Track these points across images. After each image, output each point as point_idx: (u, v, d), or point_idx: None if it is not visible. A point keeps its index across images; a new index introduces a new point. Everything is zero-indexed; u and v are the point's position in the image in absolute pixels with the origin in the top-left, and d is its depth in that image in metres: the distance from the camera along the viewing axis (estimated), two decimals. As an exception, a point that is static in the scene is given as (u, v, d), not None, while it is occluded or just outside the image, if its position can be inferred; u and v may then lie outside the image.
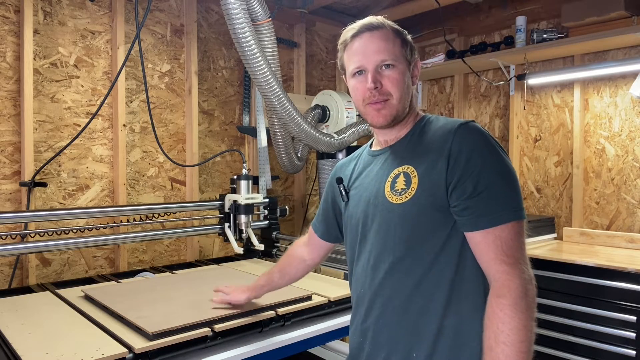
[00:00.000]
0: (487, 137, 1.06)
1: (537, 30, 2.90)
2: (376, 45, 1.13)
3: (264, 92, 2.28)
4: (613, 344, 2.28)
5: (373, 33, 1.15)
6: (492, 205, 0.99)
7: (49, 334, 1.38)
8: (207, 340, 1.37)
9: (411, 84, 1.16)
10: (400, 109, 1.14)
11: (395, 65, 1.12)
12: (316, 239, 1.44)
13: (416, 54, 1.18)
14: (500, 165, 1.02)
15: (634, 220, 2.79)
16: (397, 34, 1.15)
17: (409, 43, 1.16)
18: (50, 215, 1.98)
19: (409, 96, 1.15)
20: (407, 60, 1.15)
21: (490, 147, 1.04)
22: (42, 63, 2.27)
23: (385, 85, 1.11)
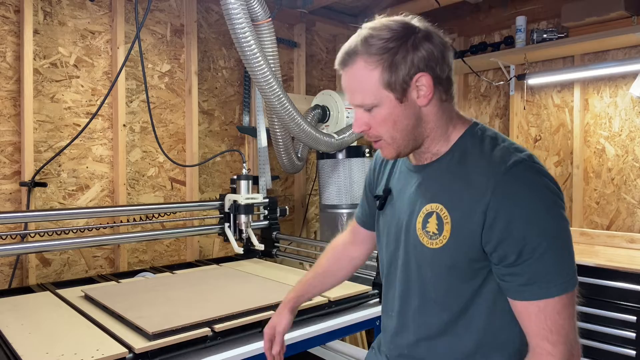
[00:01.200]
0: (537, 188, 0.86)
1: (537, 30, 2.90)
2: (352, 86, 0.95)
3: (264, 92, 2.28)
4: (613, 344, 2.28)
5: (346, 70, 0.95)
6: (539, 276, 0.85)
7: (49, 334, 1.38)
8: (207, 340, 1.37)
9: (417, 107, 0.93)
10: (402, 145, 0.96)
11: (377, 105, 0.92)
12: (363, 232, 1.27)
13: (419, 67, 0.90)
14: (552, 226, 0.86)
15: (634, 220, 2.79)
16: (374, 64, 0.90)
17: (396, 64, 0.89)
18: (50, 215, 1.98)
19: (414, 126, 0.94)
20: (397, 90, 0.91)
21: (540, 202, 0.86)
22: (42, 63, 2.27)
23: (373, 128, 0.96)
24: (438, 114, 0.95)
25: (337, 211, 2.80)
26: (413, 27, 0.92)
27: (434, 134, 0.96)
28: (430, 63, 0.90)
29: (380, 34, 0.91)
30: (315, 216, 3.44)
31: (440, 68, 0.91)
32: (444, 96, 0.95)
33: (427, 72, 0.90)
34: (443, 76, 0.92)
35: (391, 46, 0.89)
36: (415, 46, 0.90)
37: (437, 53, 0.91)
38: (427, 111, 0.94)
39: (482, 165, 0.91)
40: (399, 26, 0.92)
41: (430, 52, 0.90)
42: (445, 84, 0.94)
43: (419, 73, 0.90)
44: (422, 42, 0.90)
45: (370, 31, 0.93)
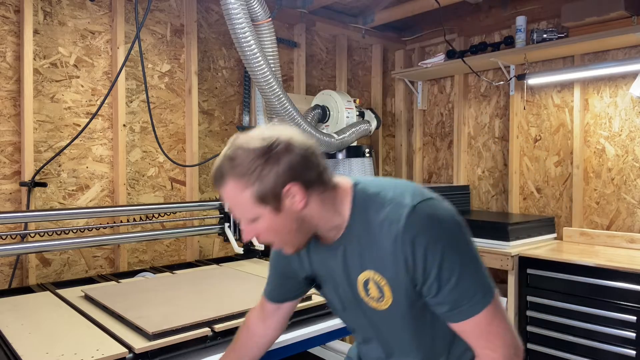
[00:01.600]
0: (435, 226, 0.95)
1: (537, 30, 2.90)
2: (230, 204, 0.99)
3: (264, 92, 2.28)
4: (613, 344, 2.28)
5: (221, 190, 0.98)
6: (462, 299, 0.95)
7: (49, 334, 1.38)
8: (207, 340, 1.37)
9: (297, 212, 0.97)
10: (295, 243, 1.03)
11: (257, 219, 0.97)
12: (272, 306, 1.29)
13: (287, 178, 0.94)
14: (458, 254, 0.95)
15: (634, 220, 2.79)
16: (243, 186, 0.93)
17: (264, 182, 0.93)
18: (50, 215, 1.98)
19: (296, 229, 1.00)
20: (271, 204, 0.94)
21: (443, 237, 0.95)
22: (42, 63, 2.27)
23: (261, 236, 1.01)
24: (320, 206, 1.00)
25: (337, 211, 2.80)
26: (273, 141, 0.94)
27: (323, 221, 1.02)
28: (295, 172, 0.94)
29: (243, 153, 0.94)
30: (315, 216, 3.44)
31: (307, 172, 0.96)
32: (322, 188, 0.99)
33: (295, 181, 0.94)
34: (313, 178, 0.97)
35: (255, 165, 0.93)
36: (277, 160, 0.93)
37: (300, 160, 0.95)
38: (307, 211, 0.99)
39: (384, 226, 0.97)
40: (260, 142, 0.94)
41: (292, 162, 0.94)
42: (319, 182, 0.98)
43: (288, 184, 0.94)
44: (282, 155, 0.93)
45: (234, 151, 0.95)
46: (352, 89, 3.70)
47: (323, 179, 0.99)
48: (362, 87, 3.81)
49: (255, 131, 0.98)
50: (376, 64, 3.81)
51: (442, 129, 3.78)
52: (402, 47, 3.90)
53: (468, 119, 3.60)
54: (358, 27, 3.53)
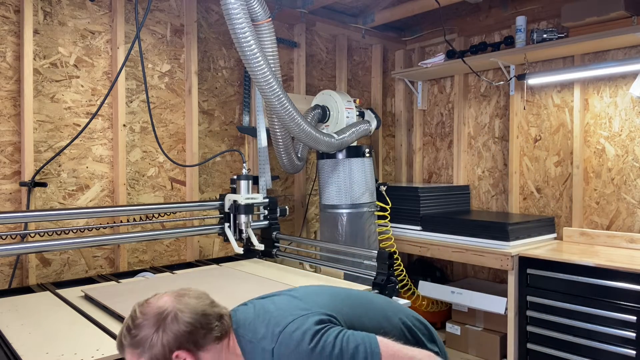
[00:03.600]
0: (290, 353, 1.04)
1: (537, 30, 2.90)
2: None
3: (264, 92, 2.28)
4: (613, 344, 2.29)
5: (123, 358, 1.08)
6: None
7: (49, 334, 1.38)
8: (207, 340, 1.37)
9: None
10: None
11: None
12: None
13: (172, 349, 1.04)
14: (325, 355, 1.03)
15: (634, 220, 2.79)
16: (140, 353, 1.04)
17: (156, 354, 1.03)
18: (50, 215, 1.98)
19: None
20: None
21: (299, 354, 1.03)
22: (42, 63, 2.27)
23: None
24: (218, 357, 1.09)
25: (337, 211, 2.80)
26: (162, 312, 1.05)
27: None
28: (182, 340, 1.04)
29: (138, 325, 1.05)
30: (315, 216, 3.45)
31: (195, 338, 1.06)
32: (216, 343, 1.09)
33: (182, 349, 1.04)
34: (201, 340, 1.06)
35: (145, 335, 1.03)
36: (164, 330, 1.04)
37: (186, 329, 1.05)
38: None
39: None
40: (151, 315, 1.05)
41: (178, 331, 1.04)
42: (211, 340, 1.08)
43: (175, 352, 1.03)
44: (170, 325, 1.04)
45: (132, 322, 1.06)
46: (352, 89, 3.70)
47: (215, 336, 1.08)
48: (362, 87, 3.81)
49: (152, 300, 1.09)
50: (376, 64, 3.81)
51: (442, 129, 3.79)
52: (402, 47, 3.90)
53: (468, 119, 3.60)
54: (358, 27, 3.53)
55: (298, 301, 1.19)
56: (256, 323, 1.13)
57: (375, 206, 2.90)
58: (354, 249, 2.21)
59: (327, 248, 2.59)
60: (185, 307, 1.07)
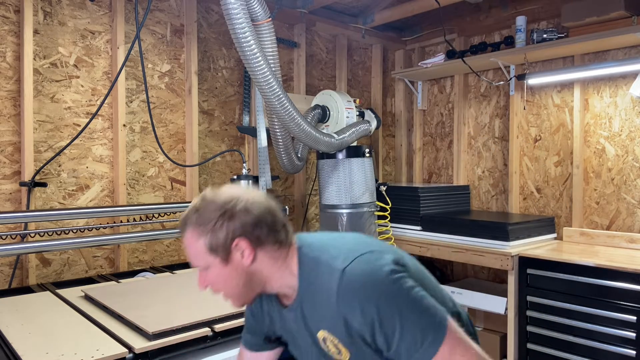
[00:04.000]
0: (366, 287, 0.97)
1: (537, 30, 2.90)
2: (187, 251, 1.07)
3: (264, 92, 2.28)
4: (613, 344, 2.28)
5: (183, 236, 1.07)
6: (412, 348, 0.95)
7: (49, 334, 1.38)
8: (207, 340, 1.37)
9: (248, 270, 1.05)
10: (242, 297, 1.09)
11: (208, 267, 1.05)
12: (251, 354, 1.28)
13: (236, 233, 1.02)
14: (395, 307, 0.96)
15: (634, 220, 2.79)
16: (199, 233, 1.03)
17: (217, 235, 1.02)
18: (50, 215, 1.98)
19: (243, 284, 1.06)
20: (220, 255, 1.03)
21: (374, 296, 0.96)
22: (42, 63, 2.27)
23: (211, 286, 1.08)
24: (270, 264, 1.06)
25: (337, 211, 2.80)
26: (233, 198, 1.04)
27: (275, 279, 1.08)
28: (246, 229, 1.03)
29: (206, 207, 1.05)
30: (315, 216, 3.45)
31: (258, 231, 1.04)
32: (276, 247, 1.06)
33: (244, 237, 1.03)
34: (263, 237, 1.04)
35: (212, 218, 1.02)
36: (232, 216, 1.02)
37: (253, 220, 1.03)
38: (256, 267, 1.05)
39: (323, 290, 1.02)
40: (222, 199, 1.05)
41: (244, 220, 1.03)
42: (271, 241, 1.05)
43: (236, 239, 1.02)
44: (238, 213, 1.03)
45: (200, 203, 1.06)
46: (352, 89, 3.70)
47: (277, 239, 1.06)
48: (362, 87, 3.81)
49: (224, 188, 1.08)
50: (376, 64, 3.81)
51: (442, 129, 3.78)
52: (402, 47, 3.90)
53: (468, 119, 3.60)
54: (358, 27, 3.53)
55: (373, 240, 1.15)
56: (327, 245, 1.08)
57: (375, 206, 2.90)
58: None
59: (327, 248, 2.59)
60: (257, 201, 1.06)
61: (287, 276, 1.08)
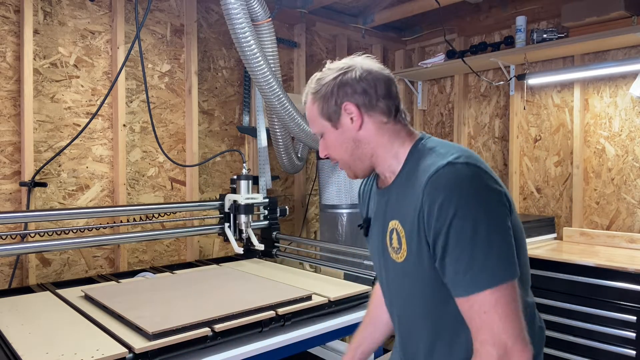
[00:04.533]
0: (462, 178, 0.90)
1: (537, 30, 2.90)
2: (308, 119, 1.11)
3: (264, 92, 2.28)
4: (613, 344, 2.28)
5: (304, 103, 1.11)
6: (463, 270, 0.87)
7: (49, 334, 1.38)
8: (207, 340, 1.37)
9: (356, 133, 1.05)
10: (353, 166, 1.09)
11: (324, 133, 1.09)
12: None
13: (343, 98, 1.03)
14: (473, 221, 0.87)
15: (634, 220, 2.79)
16: (313, 100, 1.07)
17: (326, 97, 1.05)
18: (50, 215, 1.98)
19: (352, 150, 1.07)
20: (331, 119, 1.05)
21: (462, 199, 0.88)
22: (42, 63, 2.27)
23: (329, 152, 1.11)
24: (378, 136, 1.06)
25: (337, 211, 2.80)
26: (351, 65, 1.05)
27: (378, 154, 1.07)
28: (356, 94, 1.03)
29: (325, 74, 1.08)
30: (315, 216, 3.45)
31: (369, 98, 1.03)
32: (384, 119, 1.05)
33: (353, 101, 1.03)
34: (373, 104, 1.04)
35: (326, 83, 1.05)
36: (345, 82, 1.04)
37: (364, 86, 1.03)
38: (363, 134, 1.05)
39: (419, 176, 0.97)
40: (340, 66, 1.06)
41: (356, 86, 1.03)
42: (380, 110, 1.04)
43: (345, 102, 1.03)
44: (350, 79, 1.03)
45: (322, 72, 1.09)
46: (352, 89, 3.69)
47: (386, 110, 1.05)
48: (362, 87, 3.80)
49: (345, 58, 1.09)
50: (376, 64, 3.81)
51: (442, 129, 3.78)
52: (402, 47, 3.90)
53: (468, 119, 3.60)
54: (358, 27, 3.53)
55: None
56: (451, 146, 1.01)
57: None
58: (354, 249, 2.21)
59: (327, 248, 2.59)
60: (371, 70, 1.05)
61: (394, 159, 1.06)
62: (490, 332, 0.86)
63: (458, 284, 0.89)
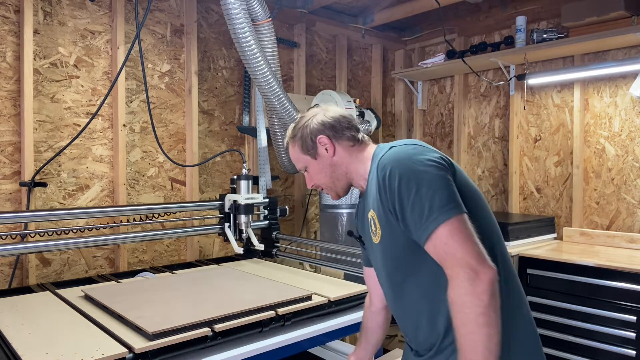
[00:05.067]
0: (398, 152, 1.13)
1: (537, 30, 2.90)
2: (292, 159, 1.37)
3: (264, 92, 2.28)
4: (613, 344, 2.28)
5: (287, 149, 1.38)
6: (419, 219, 1.04)
7: (49, 334, 1.38)
8: (207, 340, 1.37)
9: (331, 160, 1.29)
10: (334, 186, 1.33)
11: (307, 166, 1.33)
12: (369, 270, 1.44)
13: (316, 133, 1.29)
14: (414, 180, 1.06)
15: (634, 220, 2.79)
16: (293, 143, 1.33)
17: (304, 137, 1.30)
18: (50, 215, 1.98)
19: (338, 172, 1.30)
20: (310, 153, 1.30)
21: (401, 167, 1.09)
22: (42, 63, 2.27)
23: (314, 181, 1.34)
24: (348, 157, 1.30)
25: (337, 211, 2.80)
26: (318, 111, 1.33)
27: (351, 170, 1.30)
28: (325, 128, 1.30)
29: (298, 122, 1.34)
30: (315, 216, 3.45)
31: (335, 130, 1.30)
32: (351, 143, 1.30)
33: (324, 134, 1.29)
34: (339, 134, 1.30)
35: (300, 126, 1.33)
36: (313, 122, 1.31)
37: (329, 121, 1.30)
38: (337, 159, 1.30)
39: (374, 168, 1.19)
40: (310, 114, 1.34)
41: (323, 122, 1.30)
42: (346, 138, 1.30)
43: (319, 136, 1.29)
44: (318, 118, 1.31)
45: (295, 122, 1.36)
46: (352, 89, 3.70)
47: (350, 137, 1.30)
48: (362, 87, 3.81)
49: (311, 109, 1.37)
50: (376, 64, 3.81)
51: (442, 129, 3.79)
52: (402, 47, 3.90)
53: (468, 119, 3.60)
54: (358, 27, 3.53)
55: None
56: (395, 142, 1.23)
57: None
58: (354, 249, 2.21)
59: (327, 248, 2.59)
60: (332, 110, 1.33)
61: (361, 168, 1.28)
62: (454, 258, 1.00)
63: (420, 232, 1.04)
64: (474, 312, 0.96)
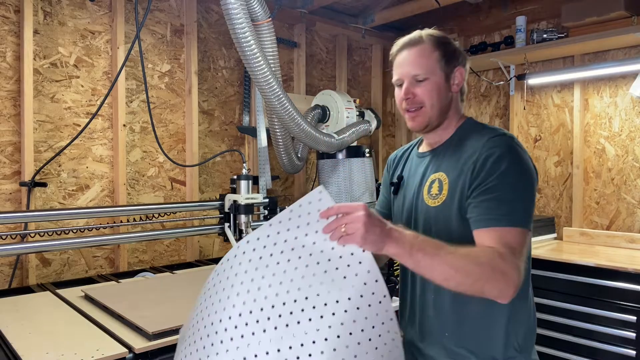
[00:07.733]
0: (515, 148, 1.15)
1: (537, 30, 2.90)
2: (412, 61, 1.25)
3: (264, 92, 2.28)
4: (613, 344, 2.29)
5: (410, 50, 1.25)
6: (497, 209, 1.08)
7: (49, 334, 1.38)
8: (207, 340, 1.37)
9: (450, 91, 1.27)
10: (434, 116, 1.26)
11: (429, 78, 1.24)
12: None
13: (459, 63, 1.27)
14: (517, 177, 1.11)
15: (634, 220, 2.79)
16: (435, 48, 1.24)
17: (449, 54, 1.25)
18: (50, 215, 1.98)
19: (446, 104, 1.26)
20: (444, 72, 1.25)
21: (514, 158, 1.12)
22: (42, 63, 2.27)
23: (418, 96, 1.25)
24: (456, 104, 1.30)
25: (337, 211, 2.80)
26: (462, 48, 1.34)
27: (449, 117, 1.29)
28: (465, 67, 1.30)
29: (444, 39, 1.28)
30: (315, 216, 3.44)
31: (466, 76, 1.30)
32: (462, 100, 1.33)
33: (464, 70, 1.29)
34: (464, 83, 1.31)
35: (450, 42, 1.28)
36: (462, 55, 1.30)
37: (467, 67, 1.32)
38: (454, 97, 1.29)
39: (475, 140, 1.21)
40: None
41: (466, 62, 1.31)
42: (464, 90, 1.32)
43: (460, 67, 1.27)
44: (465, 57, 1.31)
45: (432, 32, 1.28)
46: (352, 89, 3.70)
47: (465, 91, 1.34)
48: (362, 87, 3.81)
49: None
50: (376, 64, 3.81)
51: (442, 129, 3.78)
52: (402, 47, 3.90)
53: (468, 119, 3.59)
54: (358, 27, 3.53)
55: None
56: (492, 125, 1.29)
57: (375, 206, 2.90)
58: (354, 249, 2.20)
59: (327, 248, 2.59)
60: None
61: (450, 124, 1.29)
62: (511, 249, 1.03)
63: (490, 218, 1.08)
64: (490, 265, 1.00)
